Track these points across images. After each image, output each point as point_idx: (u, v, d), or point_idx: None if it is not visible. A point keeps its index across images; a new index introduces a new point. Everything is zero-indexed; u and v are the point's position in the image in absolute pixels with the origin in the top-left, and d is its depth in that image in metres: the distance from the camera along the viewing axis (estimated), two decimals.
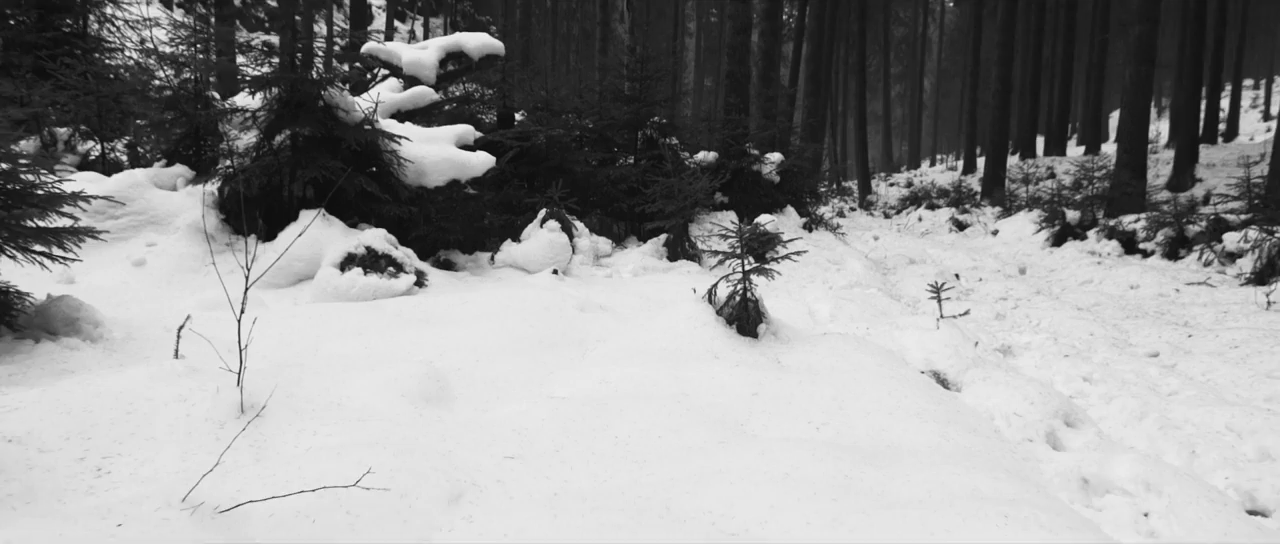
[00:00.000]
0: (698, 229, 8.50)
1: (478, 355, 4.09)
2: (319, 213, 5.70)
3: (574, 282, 6.44)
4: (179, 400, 2.70)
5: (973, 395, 3.96)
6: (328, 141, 6.13)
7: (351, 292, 5.07)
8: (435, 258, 6.83)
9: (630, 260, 7.29)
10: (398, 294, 5.23)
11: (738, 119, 9.43)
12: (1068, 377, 5.01)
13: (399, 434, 2.80)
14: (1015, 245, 11.54)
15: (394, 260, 5.44)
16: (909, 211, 18.75)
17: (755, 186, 9.10)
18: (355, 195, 5.97)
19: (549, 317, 4.73)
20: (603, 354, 4.19)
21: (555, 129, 7.44)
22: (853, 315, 5.78)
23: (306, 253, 5.47)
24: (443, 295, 5.12)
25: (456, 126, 6.62)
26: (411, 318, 4.72)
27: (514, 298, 5.01)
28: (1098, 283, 8.69)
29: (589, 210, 8.45)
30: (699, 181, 7.36)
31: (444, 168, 6.36)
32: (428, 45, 7.88)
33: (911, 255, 10.51)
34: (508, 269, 6.72)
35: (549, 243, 6.54)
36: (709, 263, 7.50)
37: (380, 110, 6.87)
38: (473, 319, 4.65)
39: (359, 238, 5.39)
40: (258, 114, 5.91)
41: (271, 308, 4.92)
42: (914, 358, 4.40)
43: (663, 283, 6.63)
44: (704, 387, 3.49)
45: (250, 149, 6.11)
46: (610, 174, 8.06)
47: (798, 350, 4.16)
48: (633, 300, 5.81)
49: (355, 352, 4.11)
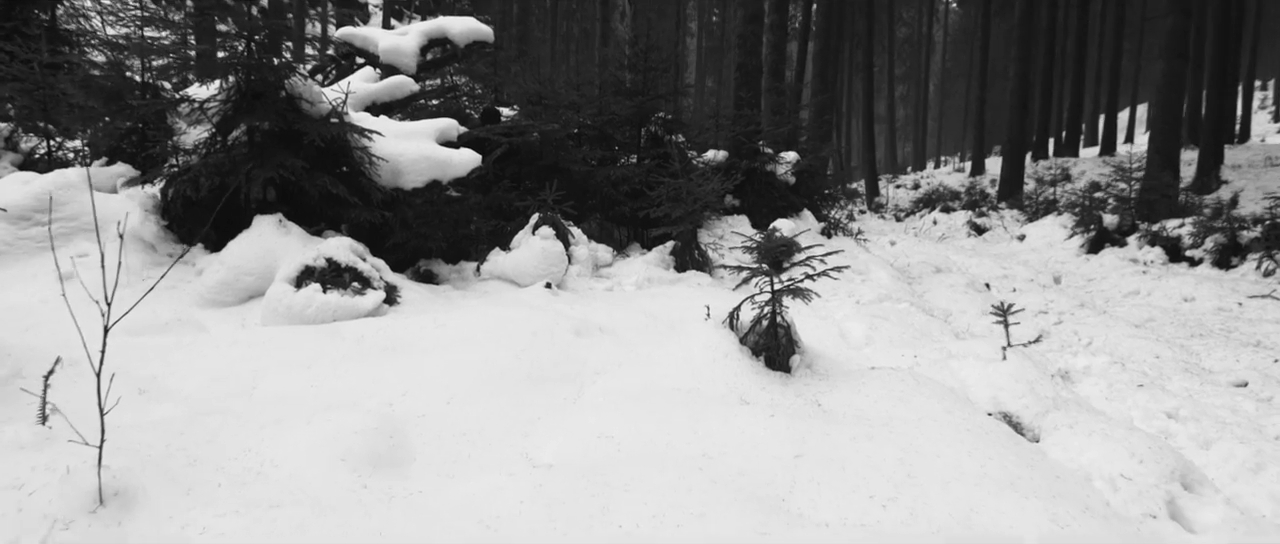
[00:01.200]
0: (707, 235, 7.74)
1: (449, 396, 3.33)
2: (275, 219, 4.94)
3: (570, 296, 5.68)
4: (11, 488, 1.94)
5: (1059, 447, 3.20)
6: (290, 137, 5.37)
7: (307, 312, 4.31)
8: (414, 269, 6.07)
9: (633, 270, 6.53)
10: (363, 314, 4.47)
11: (750, 114, 8.65)
12: (1146, 411, 4.27)
13: (323, 531, 2.04)
14: (1046, 252, 10.77)
15: (360, 274, 4.68)
16: (922, 214, 17.99)
17: (769, 189, 8.34)
18: (319, 198, 5.22)
19: (539, 343, 3.97)
20: (602, 393, 3.43)
21: (550, 124, 6.68)
22: (891, 337, 5.02)
23: (258, 266, 4.72)
24: (415, 316, 4.36)
25: (437, 120, 5.87)
26: (375, 345, 3.96)
27: (499, 319, 4.25)
28: (1146, 294, 7.93)
29: (587, 214, 7.69)
30: (709, 183, 6.61)
31: (423, 167, 5.60)
32: (408, 30, 7.11)
33: (935, 262, 9.75)
34: (495, 282, 5.96)
35: (542, 252, 5.78)
36: (721, 273, 6.74)
37: (352, 102, 6.12)
38: (447, 347, 3.89)
39: (319, 248, 4.63)
40: (206, 104, 5.15)
41: (212, 332, 4.16)
42: (979, 396, 3.63)
43: (671, 297, 5.87)
44: (732, 445, 2.73)
45: (200, 145, 5.35)
46: (611, 174, 7.31)
47: (841, 389, 3.39)
48: (637, 319, 5.05)
49: (299, 391, 3.35)
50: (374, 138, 5.45)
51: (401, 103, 6.55)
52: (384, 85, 6.35)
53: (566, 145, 7.29)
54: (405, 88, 6.43)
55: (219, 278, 4.61)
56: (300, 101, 5.46)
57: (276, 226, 4.88)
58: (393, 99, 6.43)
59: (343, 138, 5.42)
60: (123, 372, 3.43)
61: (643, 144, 8.08)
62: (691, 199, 6.57)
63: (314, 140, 5.11)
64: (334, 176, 5.26)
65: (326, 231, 5.42)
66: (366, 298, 4.53)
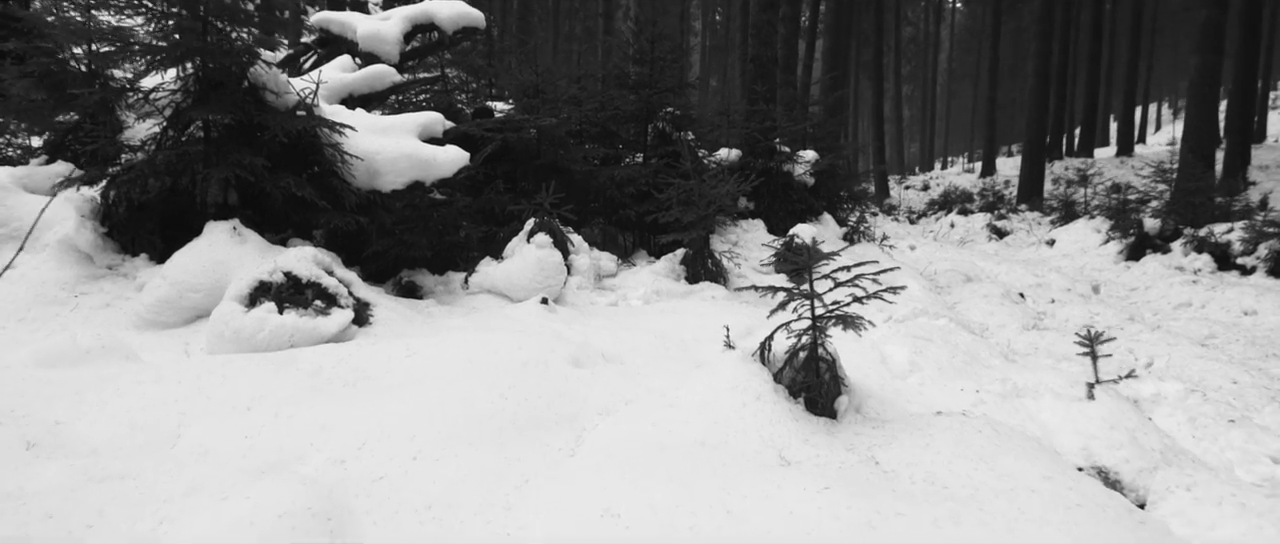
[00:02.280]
0: (720, 242, 7.08)
1: (416, 449, 2.68)
2: (229, 226, 4.30)
3: (569, 312, 5.03)
4: None
5: (1180, 518, 2.55)
6: (251, 132, 4.73)
7: (258, 337, 3.66)
8: (396, 280, 5.42)
9: (640, 281, 5.88)
10: (325, 339, 3.82)
11: (765, 110, 7.98)
12: (1245, 453, 3.61)
13: None
14: (1079, 258, 10.09)
15: (324, 290, 4.02)
16: (938, 217, 17.32)
17: (787, 191, 7.68)
18: (284, 202, 4.57)
19: (530, 377, 3.31)
20: (606, 445, 2.78)
21: (547, 119, 6.02)
22: (939, 363, 4.35)
23: (206, 280, 4.06)
24: (386, 342, 3.71)
25: (420, 114, 5.21)
26: (334, 378, 3.31)
27: (483, 346, 3.60)
28: (1200, 307, 7.26)
29: (589, 219, 7.04)
30: (724, 184, 5.95)
31: (403, 166, 4.96)
32: (390, 15, 6.44)
33: (963, 270, 9.08)
34: (485, 296, 5.31)
35: (537, 262, 5.13)
36: (736, 284, 6.08)
37: (325, 94, 5.47)
38: (420, 382, 3.24)
39: (277, 260, 3.98)
40: (153, 94, 4.51)
41: (143, 363, 3.51)
42: (1066, 446, 2.97)
43: (683, 313, 5.22)
44: (778, 533, 2.07)
45: (149, 141, 4.70)
46: (615, 175, 6.66)
47: (903, 442, 2.73)
48: (646, 342, 4.39)
49: (229, 445, 2.70)
50: (347, 133, 4.81)
51: (382, 94, 5.90)
52: (361, 75, 5.70)
53: (566, 143, 6.64)
54: (386, 78, 5.78)
55: (159, 295, 3.96)
56: (264, 92, 4.82)
57: (230, 235, 4.23)
58: (372, 91, 5.78)
59: (311, 133, 4.78)
60: (19, 416, 2.80)
61: (649, 142, 7.43)
62: (705, 203, 5.92)
63: (276, 136, 4.46)
64: (300, 177, 4.61)
65: (293, 240, 4.77)
66: (330, 319, 3.88)
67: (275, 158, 4.72)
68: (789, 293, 2.93)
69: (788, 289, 2.98)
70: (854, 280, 2.99)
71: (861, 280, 2.99)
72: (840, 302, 3.04)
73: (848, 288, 3.03)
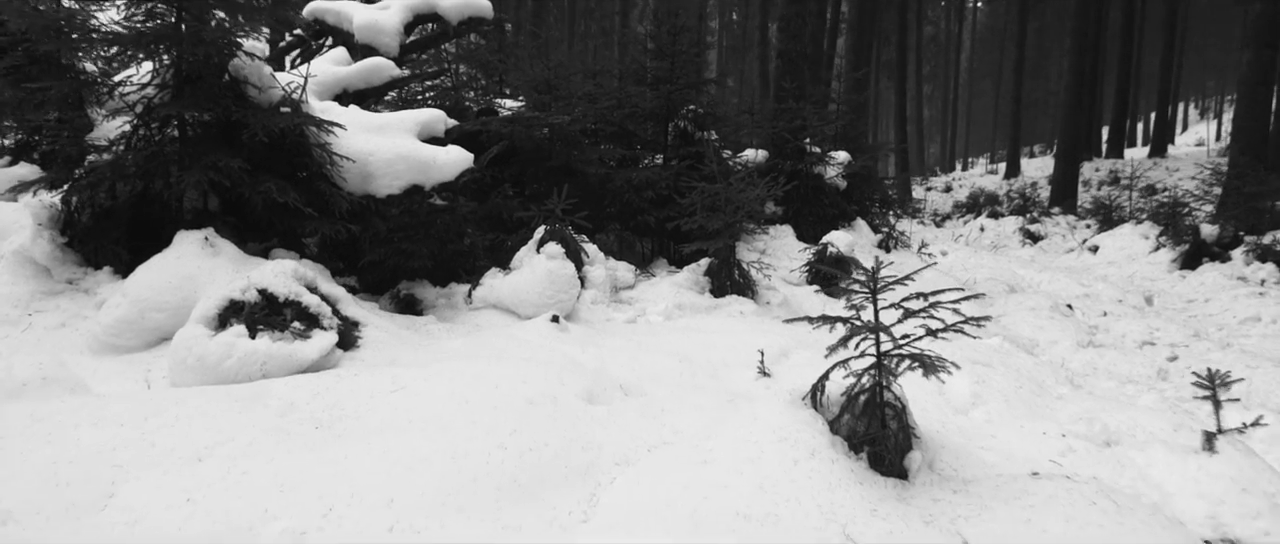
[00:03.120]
0: (747, 250, 6.55)
1: (391, 519, 2.19)
2: (200, 236, 3.83)
3: (582, 331, 4.52)
4: None
5: None
6: (233, 130, 4.27)
7: (226, 365, 3.18)
8: (394, 293, 4.94)
9: (661, 295, 5.36)
10: (304, 366, 3.34)
11: (795, 108, 7.41)
12: None
13: None
14: (1127, 266, 9.46)
15: (304, 310, 3.54)
16: (966, 220, 16.69)
17: (818, 194, 7.13)
18: (263, 208, 4.10)
19: (536, 419, 2.81)
20: (626, 516, 2.27)
21: (560, 115, 5.52)
22: (1005, 393, 3.80)
23: (172, 298, 3.59)
24: (371, 372, 3.21)
25: (420, 111, 4.72)
26: (305, 419, 2.82)
27: (481, 379, 3.10)
28: (1270, 322, 6.65)
29: (605, 225, 6.53)
30: (754, 188, 5.43)
31: (399, 168, 4.47)
32: (389, 3, 5.96)
33: (1004, 279, 8.49)
34: (490, 311, 4.82)
35: (548, 275, 4.63)
36: (765, 297, 5.56)
37: (317, 89, 5.00)
38: (405, 426, 2.74)
39: (250, 276, 3.50)
40: (122, 87, 4.05)
41: (90, 397, 3.04)
42: (1188, 513, 2.43)
43: (709, 331, 4.69)
44: None
45: (118, 141, 4.25)
46: (633, 178, 6.15)
47: (996, 514, 2.20)
48: (670, 367, 3.88)
49: (167, 511, 2.22)
50: (337, 132, 4.33)
51: (379, 90, 5.42)
52: (357, 69, 5.22)
53: (580, 142, 6.13)
54: (383, 72, 5.30)
55: (118, 315, 3.49)
56: (246, 86, 4.36)
57: (201, 246, 3.76)
58: (368, 85, 5.30)
59: (298, 132, 4.30)
60: None
61: (670, 142, 6.91)
62: (732, 208, 5.40)
63: (256, 135, 3.99)
64: (284, 182, 4.14)
65: (277, 251, 4.30)
66: (310, 343, 3.39)
67: (257, 159, 4.25)
68: (850, 325, 2.40)
69: (847, 320, 2.46)
70: (929, 308, 2.46)
71: (938, 306, 2.46)
72: (909, 334, 2.51)
73: (922, 317, 2.49)
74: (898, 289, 2.53)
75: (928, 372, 2.30)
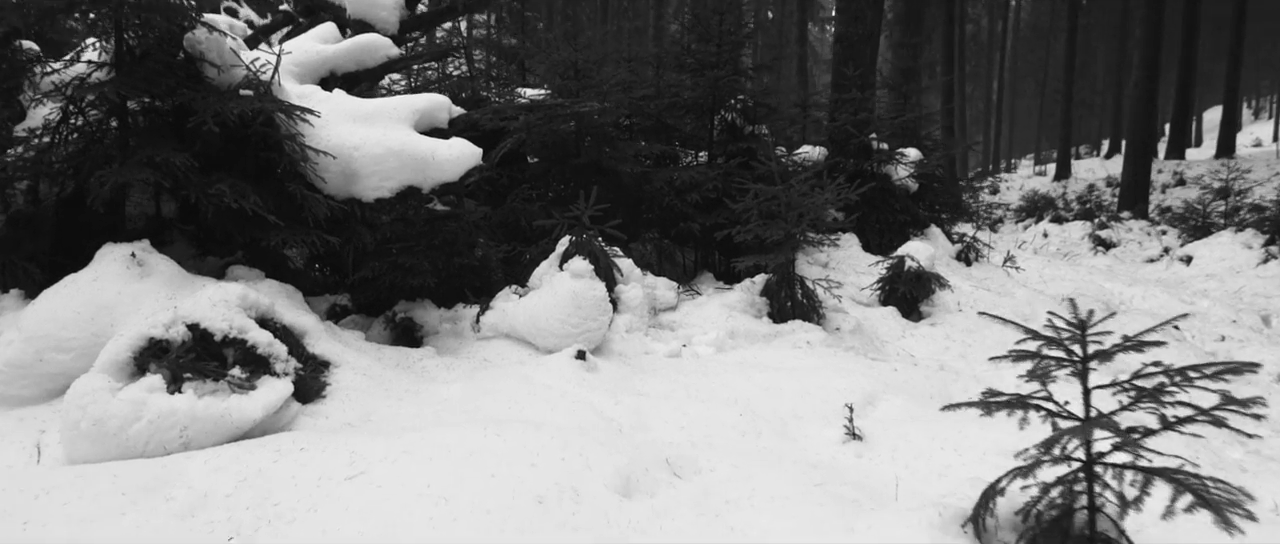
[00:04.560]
0: (810, 264, 5.61)
1: None
2: (126, 251, 2.99)
3: (615, 370, 3.62)
4: None
5: None
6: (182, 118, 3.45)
7: (132, 432, 2.33)
8: (389, 317, 4.09)
9: (709, 319, 4.45)
10: (240, 431, 2.48)
11: (859, 98, 6.42)
12: None
13: None
14: (1229, 280, 8.32)
15: (251, 350, 2.69)
16: (1026, 224, 15.51)
17: (887, 198, 6.16)
18: (214, 215, 3.26)
19: (546, 528, 1.92)
20: None
21: (590, 103, 4.63)
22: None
23: (82, 333, 2.76)
24: (325, 444, 2.34)
25: (417, 97, 3.86)
26: (216, 526, 1.95)
27: (473, 459, 2.21)
28: None
29: (641, 232, 5.63)
30: (821, 193, 4.50)
31: (390, 166, 3.62)
32: None
33: (1093, 293, 7.43)
34: (502, 341, 3.93)
35: (572, 298, 3.73)
36: (834, 323, 4.61)
37: (299, 70, 4.16)
38: (355, 540, 1.86)
39: (178, 308, 2.65)
40: (44, 67, 3.25)
41: None
42: None
43: (772, 369, 3.75)
44: None
45: (48, 130, 3.44)
46: (675, 179, 5.25)
47: None
48: (729, 424, 2.97)
49: None
50: (312, 120, 3.48)
51: (374, 72, 4.58)
52: (346, 47, 4.37)
53: (612, 137, 5.23)
54: (377, 50, 4.44)
55: (7, 357, 2.67)
56: (203, 64, 3.53)
57: (126, 264, 2.93)
58: (360, 67, 4.45)
59: (266, 121, 3.46)
60: None
61: (715, 137, 6.00)
62: (794, 215, 4.47)
63: (204, 123, 3.15)
64: (244, 181, 3.30)
65: (236, 268, 3.47)
66: (253, 398, 2.53)
67: (213, 154, 3.42)
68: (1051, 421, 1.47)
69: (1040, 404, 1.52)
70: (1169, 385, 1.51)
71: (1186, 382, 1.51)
72: (1138, 428, 1.57)
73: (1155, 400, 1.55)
74: (1118, 356, 1.58)
75: (1204, 505, 1.36)
